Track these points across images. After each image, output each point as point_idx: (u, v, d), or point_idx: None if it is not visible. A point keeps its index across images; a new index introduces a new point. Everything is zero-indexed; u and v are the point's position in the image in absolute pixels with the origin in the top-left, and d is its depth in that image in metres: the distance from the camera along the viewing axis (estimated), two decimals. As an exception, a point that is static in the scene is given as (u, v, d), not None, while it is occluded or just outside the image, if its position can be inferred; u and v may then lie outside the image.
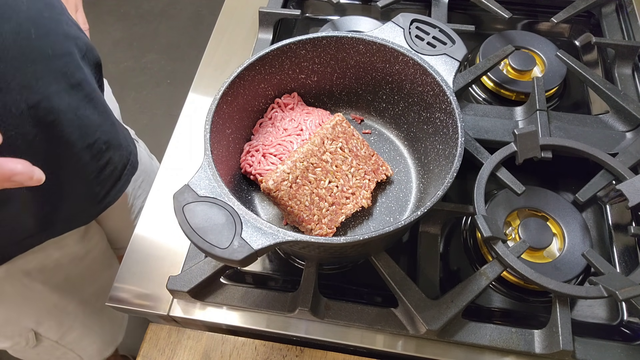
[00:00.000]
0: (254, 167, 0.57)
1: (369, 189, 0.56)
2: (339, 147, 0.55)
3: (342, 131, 0.56)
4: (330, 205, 0.54)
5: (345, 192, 0.55)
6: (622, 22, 0.79)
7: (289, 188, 0.52)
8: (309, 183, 0.53)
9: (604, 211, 0.63)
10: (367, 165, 0.57)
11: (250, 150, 0.58)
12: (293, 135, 0.58)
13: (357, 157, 0.56)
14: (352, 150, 0.56)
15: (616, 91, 0.65)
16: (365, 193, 0.56)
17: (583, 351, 0.50)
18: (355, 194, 0.55)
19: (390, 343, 0.53)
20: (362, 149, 0.57)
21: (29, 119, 0.51)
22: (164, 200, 0.64)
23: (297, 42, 0.56)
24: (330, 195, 0.54)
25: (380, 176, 0.57)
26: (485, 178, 0.56)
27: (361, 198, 0.55)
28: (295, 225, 0.54)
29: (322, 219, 0.53)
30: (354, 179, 0.56)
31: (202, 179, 0.45)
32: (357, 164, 0.56)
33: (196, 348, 0.56)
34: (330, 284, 0.58)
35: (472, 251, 0.60)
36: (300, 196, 0.53)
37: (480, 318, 0.53)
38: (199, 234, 0.41)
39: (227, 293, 0.55)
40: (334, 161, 0.55)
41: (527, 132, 0.58)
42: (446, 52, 0.55)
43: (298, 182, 0.53)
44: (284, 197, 0.52)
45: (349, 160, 0.56)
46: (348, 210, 0.55)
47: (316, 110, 0.62)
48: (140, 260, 0.59)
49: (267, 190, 0.52)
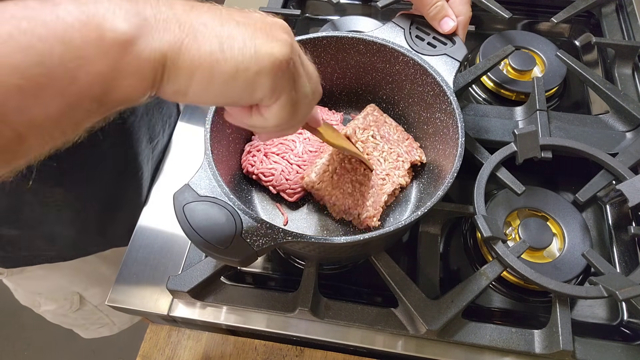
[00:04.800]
0: (256, 167, 0.57)
1: (403, 169, 0.57)
2: (370, 136, 0.58)
3: (374, 120, 0.59)
4: (370, 188, 0.55)
5: (379, 175, 0.56)
6: (622, 22, 0.79)
7: (331, 179, 0.55)
8: (347, 172, 0.56)
9: (604, 211, 0.63)
10: (399, 148, 0.58)
11: (251, 150, 0.58)
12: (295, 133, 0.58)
13: (389, 142, 0.58)
14: (384, 136, 0.58)
15: (616, 91, 0.65)
16: (399, 172, 0.57)
17: (583, 351, 0.50)
18: (389, 174, 0.57)
19: (390, 343, 0.53)
20: (395, 134, 0.59)
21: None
22: (164, 199, 0.64)
23: (297, 42, 0.55)
24: (369, 178, 0.56)
25: (413, 157, 0.58)
26: (485, 178, 0.56)
27: (397, 177, 0.57)
28: (342, 216, 0.56)
29: (366, 201, 0.54)
30: (386, 162, 0.57)
31: (202, 179, 0.45)
32: (389, 148, 0.58)
33: (196, 348, 0.56)
34: (330, 284, 0.58)
35: (472, 251, 0.60)
36: (342, 184, 0.55)
37: (480, 318, 0.53)
38: (199, 234, 0.41)
39: (227, 293, 0.55)
40: (365, 149, 0.57)
41: (527, 132, 0.58)
42: (446, 52, 0.55)
43: (338, 172, 0.55)
44: (328, 187, 0.54)
45: (381, 145, 0.58)
46: (388, 189, 0.56)
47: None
48: (140, 260, 0.59)
49: (310, 184, 0.54)
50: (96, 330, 0.96)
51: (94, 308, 0.87)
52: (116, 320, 0.95)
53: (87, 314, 0.88)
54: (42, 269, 0.72)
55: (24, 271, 0.72)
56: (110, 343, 1.46)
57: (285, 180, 0.57)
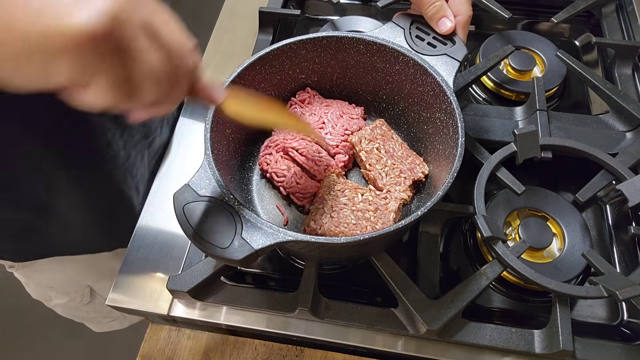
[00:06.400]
0: (271, 166, 0.58)
1: (405, 185, 0.56)
2: (375, 148, 0.58)
3: (381, 133, 0.59)
4: (375, 211, 0.54)
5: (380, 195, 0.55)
6: (622, 22, 0.79)
7: (330, 218, 0.53)
8: (345, 205, 0.54)
9: (604, 211, 0.63)
10: (402, 164, 0.58)
11: (270, 145, 0.59)
12: (316, 129, 0.59)
13: (392, 157, 0.58)
14: (389, 151, 0.58)
15: (616, 91, 0.65)
16: (400, 188, 0.56)
17: (583, 351, 0.50)
18: (390, 190, 0.56)
19: (390, 343, 0.53)
20: (400, 150, 0.59)
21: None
22: (164, 199, 0.64)
23: (297, 42, 0.56)
24: (370, 203, 0.54)
25: (416, 175, 0.57)
26: (485, 178, 0.56)
27: (398, 192, 0.56)
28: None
29: (375, 225, 0.53)
30: (387, 177, 0.57)
31: (202, 179, 0.45)
32: (392, 163, 0.57)
33: (196, 348, 0.56)
34: (330, 284, 0.58)
35: (472, 251, 0.60)
36: (344, 218, 0.53)
37: (480, 318, 0.53)
38: (199, 234, 0.41)
39: (227, 293, 0.55)
40: (368, 160, 0.57)
41: (527, 132, 0.58)
42: (446, 52, 0.55)
43: (334, 209, 0.54)
44: (331, 228, 0.52)
45: (384, 160, 0.57)
46: (393, 206, 0.54)
47: (335, 102, 0.62)
48: (140, 260, 0.59)
49: (313, 233, 0.52)
50: (108, 324, 0.97)
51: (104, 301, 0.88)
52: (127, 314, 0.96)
53: (98, 307, 0.88)
54: (52, 262, 0.73)
55: (35, 264, 0.72)
56: (110, 343, 1.46)
57: (296, 184, 0.57)
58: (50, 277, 0.78)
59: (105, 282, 0.83)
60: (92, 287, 0.84)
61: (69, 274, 0.78)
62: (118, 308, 0.57)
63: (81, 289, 0.83)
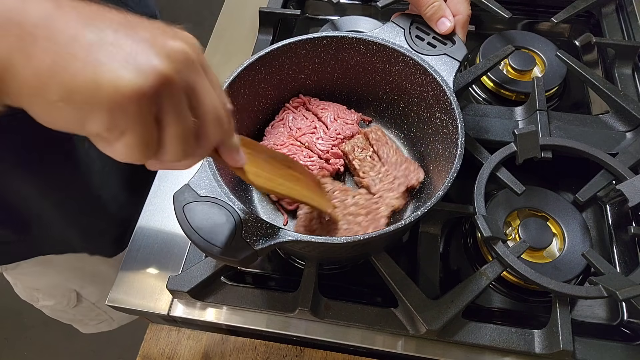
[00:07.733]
0: None
1: (398, 191, 0.55)
2: (368, 155, 0.57)
3: (376, 139, 0.58)
4: (367, 215, 0.53)
5: (372, 199, 0.55)
6: (622, 22, 0.79)
7: (320, 224, 0.53)
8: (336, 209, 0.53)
9: (604, 211, 0.63)
10: (397, 171, 0.57)
11: None
12: (307, 134, 0.58)
13: (386, 163, 0.57)
14: (383, 157, 0.58)
15: (616, 91, 0.65)
16: (392, 194, 0.55)
17: (583, 351, 0.50)
18: (382, 196, 0.55)
19: (390, 343, 0.53)
20: (394, 156, 0.58)
21: None
22: (164, 199, 0.64)
23: (297, 42, 0.56)
24: (362, 207, 0.54)
25: (410, 181, 0.56)
26: (485, 178, 0.56)
27: (389, 199, 0.55)
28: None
29: (367, 230, 0.52)
30: (381, 183, 0.56)
31: (202, 179, 0.45)
32: (386, 170, 0.57)
33: (196, 348, 0.56)
34: (330, 284, 0.58)
35: (472, 251, 0.60)
36: (334, 225, 0.53)
37: (480, 318, 0.53)
38: (199, 234, 0.41)
39: (227, 293, 0.55)
40: (362, 168, 0.57)
41: (527, 132, 0.58)
42: (446, 52, 0.55)
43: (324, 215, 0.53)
44: (322, 234, 0.51)
45: (378, 167, 0.57)
46: (384, 212, 0.54)
47: (332, 105, 0.61)
48: (140, 260, 0.59)
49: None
50: (95, 326, 0.97)
51: (91, 305, 0.89)
52: (115, 316, 0.96)
53: (85, 310, 0.89)
54: (37, 265, 0.73)
55: (19, 267, 0.73)
56: (110, 343, 1.46)
57: None
58: (36, 280, 0.79)
59: (91, 288, 0.84)
60: (78, 291, 0.84)
61: (54, 278, 0.79)
62: (118, 308, 0.57)
63: (67, 292, 0.83)
